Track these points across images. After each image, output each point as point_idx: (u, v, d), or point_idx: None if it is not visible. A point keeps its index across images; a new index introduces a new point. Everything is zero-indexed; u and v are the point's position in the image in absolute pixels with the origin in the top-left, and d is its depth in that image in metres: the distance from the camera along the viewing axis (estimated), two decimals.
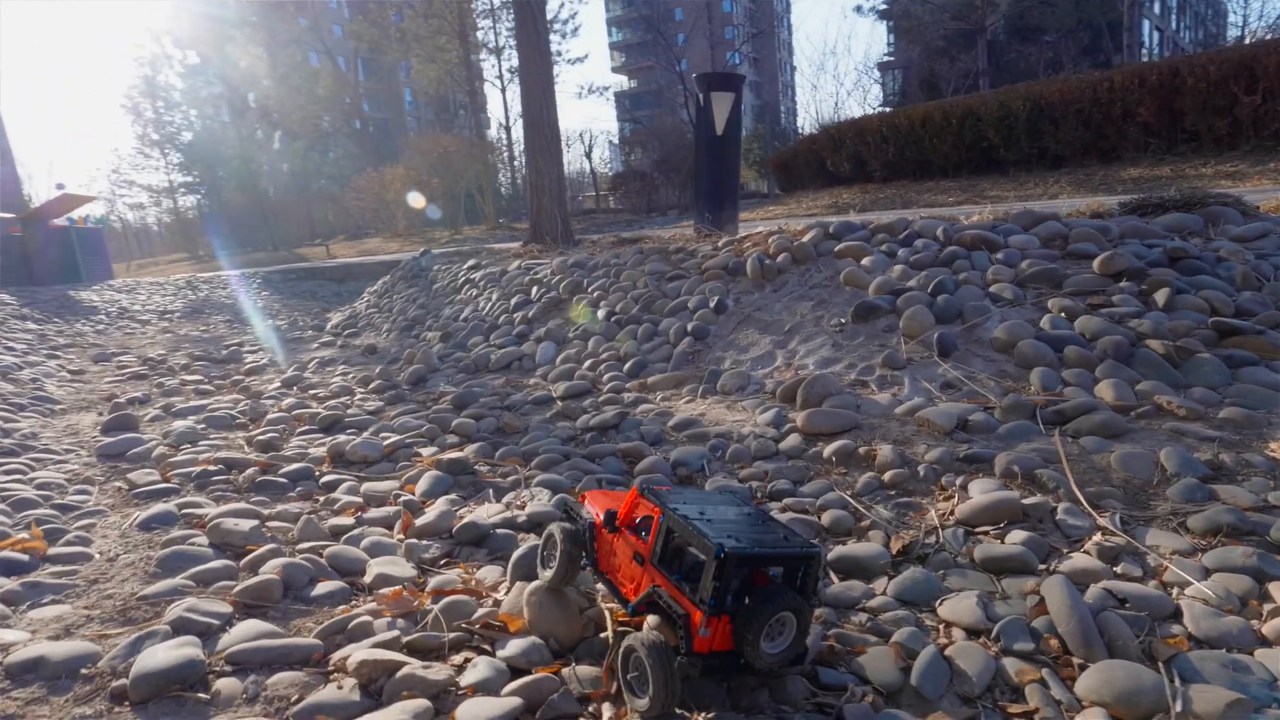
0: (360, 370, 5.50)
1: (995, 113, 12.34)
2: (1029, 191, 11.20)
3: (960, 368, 3.15)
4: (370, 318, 7.93)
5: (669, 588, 1.38)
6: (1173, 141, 10.17)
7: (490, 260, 7.93)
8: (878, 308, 3.70)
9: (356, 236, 30.51)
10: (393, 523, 2.49)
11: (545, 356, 4.76)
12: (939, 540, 2.02)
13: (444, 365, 5.12)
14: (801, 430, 2.87)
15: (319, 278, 14.34)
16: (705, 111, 7.62)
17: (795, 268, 4.48)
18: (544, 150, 10.27)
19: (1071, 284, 3.49)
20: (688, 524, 1.37)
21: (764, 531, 1.41)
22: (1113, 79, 10.71)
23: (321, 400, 4.50)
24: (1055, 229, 4.02)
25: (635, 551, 1.50)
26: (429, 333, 6.33)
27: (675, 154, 24.25)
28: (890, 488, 2.39)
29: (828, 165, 17.25)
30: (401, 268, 9.30)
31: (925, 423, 2.73)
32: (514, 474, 2.91)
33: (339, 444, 3.30)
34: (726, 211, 7.65)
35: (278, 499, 2.79)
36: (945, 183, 13.73)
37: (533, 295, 5.89)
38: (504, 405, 3.96)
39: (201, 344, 7.61)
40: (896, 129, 14.53)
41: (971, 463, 2.43)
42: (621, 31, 72.65)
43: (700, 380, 3.77)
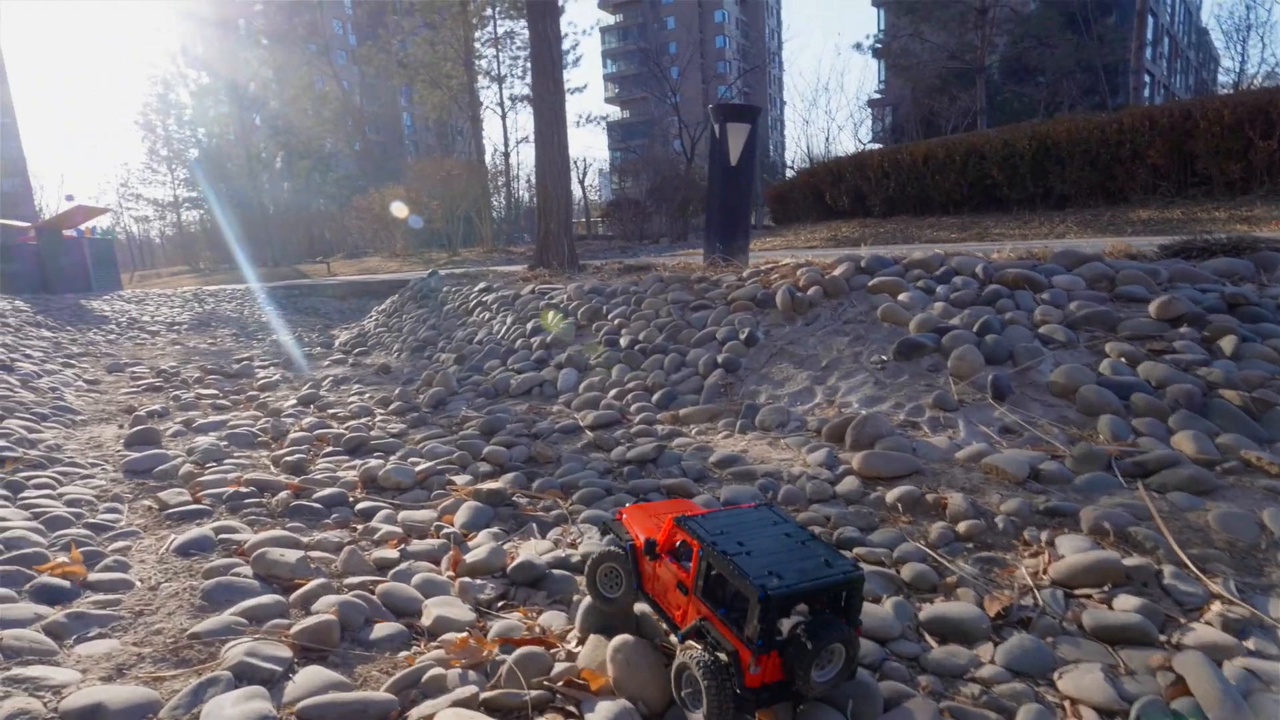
0: (376, 390, 5.33)
1: (1000, 151, 12.39)
2: (1034, 230, 11.19)
3: (1018, 411, 3.00)
4: (379, 337, 7.74)
5: (715, 623, 1.35)
6: (1183, 184, 10.19)
7: (501, 283, 7.78)
8: (921, 346, 3.55)
9: (356, 255, 30.38)
10: (439, 557, 2.34)
11: (567, 383, 4.59)
12: (1038, 602, 1.85)
13: (462, 388, 4.95)
14: (858, 473, 2.70)
15: (321, 294, 14.14)
16: (720, 142, 7.54)
17: (827, 301, 4.34)
18: (554, 176, 10.21)
19: (1127, 328, 3.36)
20: (728, 561, 1.34)
21: (805, 557, 1.38)
22: (1121, 120, 10.77)
23: (342, 420, 4.34)
24: (1101, 270, 3.91)
25: (679, 580, 1.46)
26: (442, 354, 6.16)
27: (668, 183, 24.43)
28: (966, 540, 2.22)
29: (826, 198, 17.28)
30: (410, 288, 9.14)
31: (993, 470, 2.56)
32: (555, 507, 2.74)
33: (370, 469, 3.15)
34: (738, 242, 7.53)
35: (314, 525, 2.66)
36: (947, 219, 13.73)
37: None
38: (531, 433, 3.79)
39: (211, 357, 7.44)
40: (898, 164, 14.57)
41: (1053, 516, 2.26)
42: (616, 63, 73.66)
43: (737, 414, 3.60)
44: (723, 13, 70.89)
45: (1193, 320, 3.30)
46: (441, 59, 30.45)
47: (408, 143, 57.89)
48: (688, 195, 24.32)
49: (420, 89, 31.33)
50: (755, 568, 1.31)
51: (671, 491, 2.80)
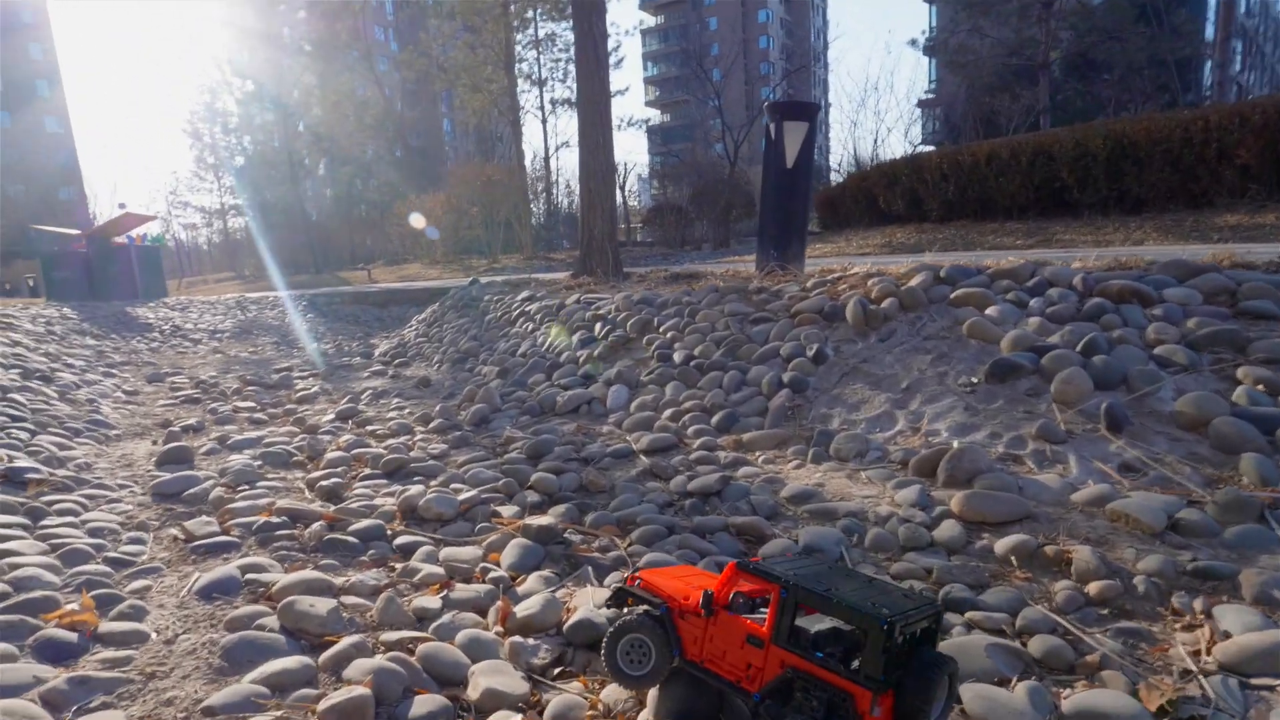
0: (415, 404, 5.20)
1: (1071, 151, 11.80)
2: (1108, 237, 10.63)
3: (1138, 445, 2.66)
4: (420, 347, 7.65)
5: (814, 669, 1.24)
6: (1275, 187, 9.55)
7: (544, 292, 7.62)
8: (1017, 367, 3.23)
9: (396, 262, 30.81)
10: (485, 606, 2.13)
11: (617, 402, 4.37)
12: (1207, 694, 1.54)
13: (506, 405, 4.77)
14: (959, 516, 2.40)
15: (362, 302, 14.24)
16: (776, 142, 7.22)
17: (903, 314, 4.03)
18: (598, 179, 10.06)
19: (1260, 350, 2.99)
20: (824, 597, 1.24)
21: (885, 591, 1.31)
22: (1208, 117, 10.14)
23: (380, 439, 4.20)
24: (1218, 282, 3.53)
25: (749, 634, 1.33)
26: (484, 367, 6.01)
27: (711, 188, 24.12)
28: (1099, 604, 1.91)
29: (879, 203, 16.80)
30: (451, 297, 9.06)
31: (1122, 517, 2.25)
32: (611, 547, 2.51)
33: (411, 498, 2.98)
34: (793, 249, 7.21)
35: (349, 563, 2.49)
36: (1011, 224, 13.17)
37: (597, 332, 5.53)
38: (580, 456, 3.57)
39: (251, 366, 7.44)
40: (958, 166, 14.04)
41: (1204, 579, 1.94)
42: (657, 66, 73.68)
43: (807, 441, 3.32)
44: (767, 12, 70.40)
45: None
46: (482, 63, 30.74)
47: (448, 149, 58.76)
48: (731, 200, 24.00)
49: (461, 93, 31.70)
50: (861, 599, 1.23)
51: (741, 531, 2.55)
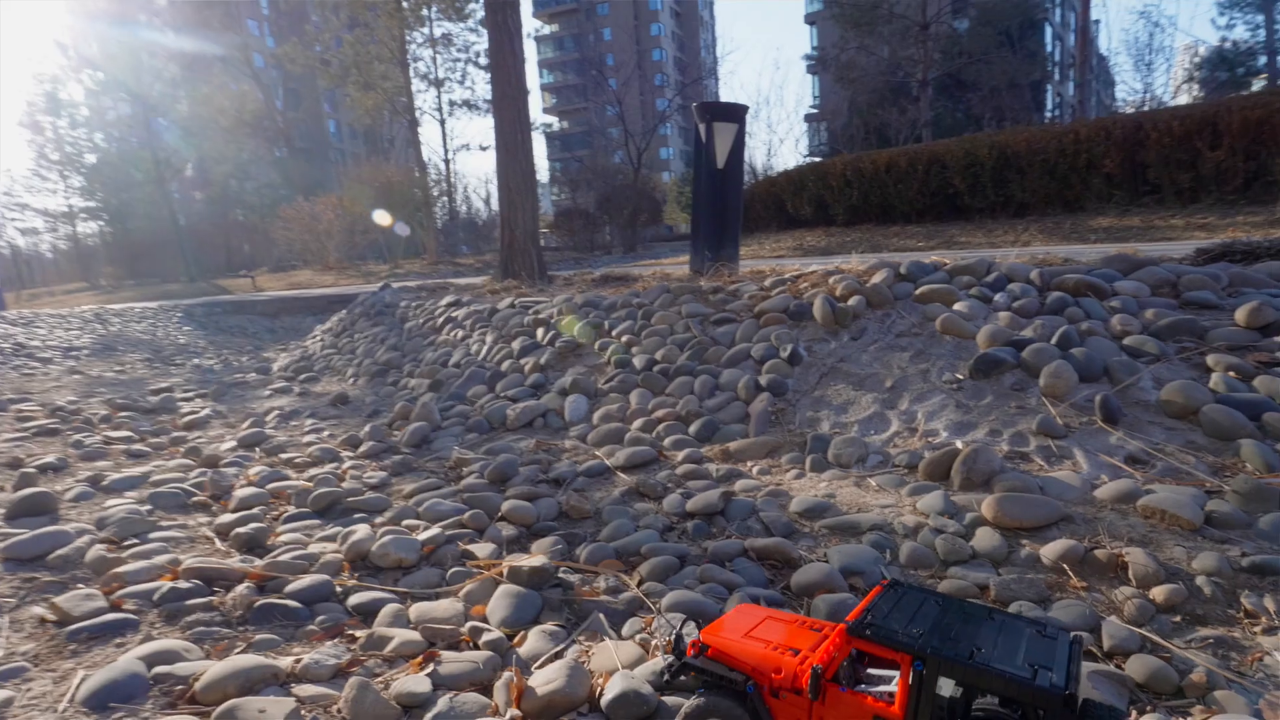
0: (334, 425, 4.65)
1: (961, 160, 12.47)
2: (1000, 238, 11.26)
3: (1137, 437, 2.66)
4: (328, 360, 6.98)
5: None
6: (1135, 193, 10.42)
7: (469, 297, 7.15)
8: (1000, 362, 3.20)
9: (283, 269, 28.74)
10: (486, 680, 1.74)
11: (577, 413, 4.05)
12: None
13: (447, 422, 4.33)
14: (993, 523, 2.28)
15: (248, 312, 13.06)
16: (706, 144, 7.12)
17: (871, 312, 3.96)
18: (518, 180, 9.62)
19: (1218, 337, 3.08)
20: (977, 670, 1.05)
21: (1020, 635, 1.14)
22: (1078, 131, 10.96)
23: (300, 469, 3.65)
24: (1161, 275, 3.66)
25: (876, 713, 1.14)
26: (410, 379, 5.50)
27: (618, 193, 24.07)
28: (1168, 611, 1.82)
29: (788, 207, 17.19)
30: (360, 304, 8.37)
31: (1155, 513, 2.19)
32: (620, 586, 2.20)
33: (359, 543, 2.50)
34: (727, 249, 7.13)
35: (293, 635, 1.99)
36: (910, 228, 13.76)
37: (540, 338, 5.18)
38: (549, 477, 3.22)
39: (120, 388, 6.49)
40: (861, 173, 14.55)
41: (1261, 574, 1.89)
42: (553, 74, 73.09)
43: (801, 448, 3.15)
44: (659, 25, 71.35)
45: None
46: (375, 59, 29.19)
47: (333, 151, 55.66)
48: (638, 205, 24.00)
49: (352, 91, 29.94)
50: (1015, 663, 1.06)
51: (763, 555, 2.31)
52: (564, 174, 37.55)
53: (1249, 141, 8.95)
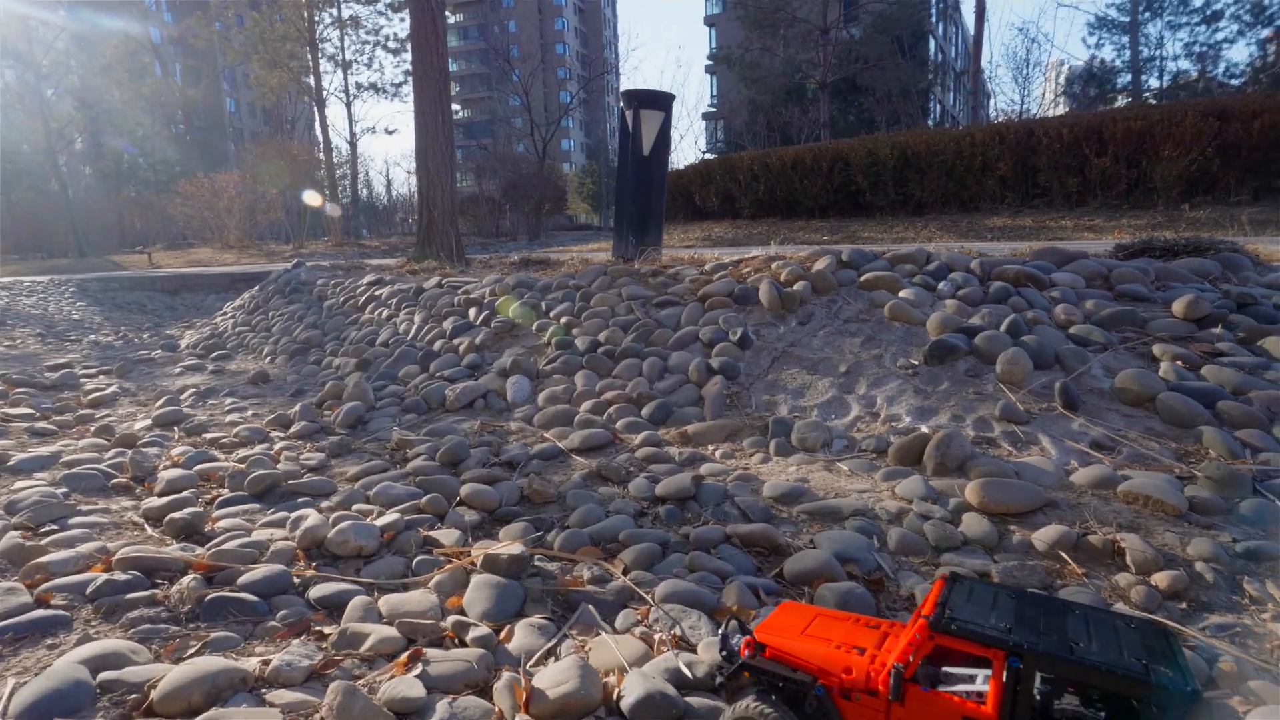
0: (257, 404, 4.11)
1: (864, 159, 12.69)
2: (901, 235, 11.52)
3: (1098, 423, 2.57)
4: (242, 338, 6.24)
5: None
6: (1026, 196, 10.91)
7: (392, 276, 6.57)
8: (954, 348, 3.07)
9: (180, 246, 26.29)
10: (481, 681, 1.48)
11: (520, 394, 3.68)
12: None
13: (381, 402, 3.87)
14: (979, 508, 2.11)
15: (146, 288, 11.72)
16: (633, 131, 6.81)
17: (817, 298, 3.78)
18: (437, 160, 9.04)
19: (1159, 329, 3.07)
20: (1082, 666, 0.92)
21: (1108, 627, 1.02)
22: (974, 134, 11.36)
23: (228, 449, 3.18)
24: (1092, 267, 3.66)
25: (966, 714, 0.99)
26: (335, 358, 4.94)
27: (524, 182, 23.45)
28: (1174, 597, 1.70)
29: (695, 199, 17.10)
30: (273, 281, 7.58)
31: (1139, 499, 2.08)
32: (606, 576, 1.91)
33: (313, 529, 2.15)
34: (651, 236, 6.89)
35: (253, 633, 1.68)
36: (815, 223, 13.93)
37: (473, 318, 4.75)
38: (500, 460, 2.88)
39: (12, 363, 5.60)
40: (768, 168, 14.59)
41: (1257, 560, 1.80)
42: (457, 62, 70.68)
43: (762, 431, 2.92)
44: (563, 20, 70.09)
45: (1218, 320, 3.07)
46: (282, 38, 27.02)
47: (233, 129, 51.49)
48: (544, 194, 23.41)
49: (257, 68, 27.62)
50: (1133, 661, 0.93)
51: (748, 541, 2.07)
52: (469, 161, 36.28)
53: (1131, 150, 9.47)
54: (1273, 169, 8.92)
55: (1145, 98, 25.85)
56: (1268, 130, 8.65)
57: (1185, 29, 27.87)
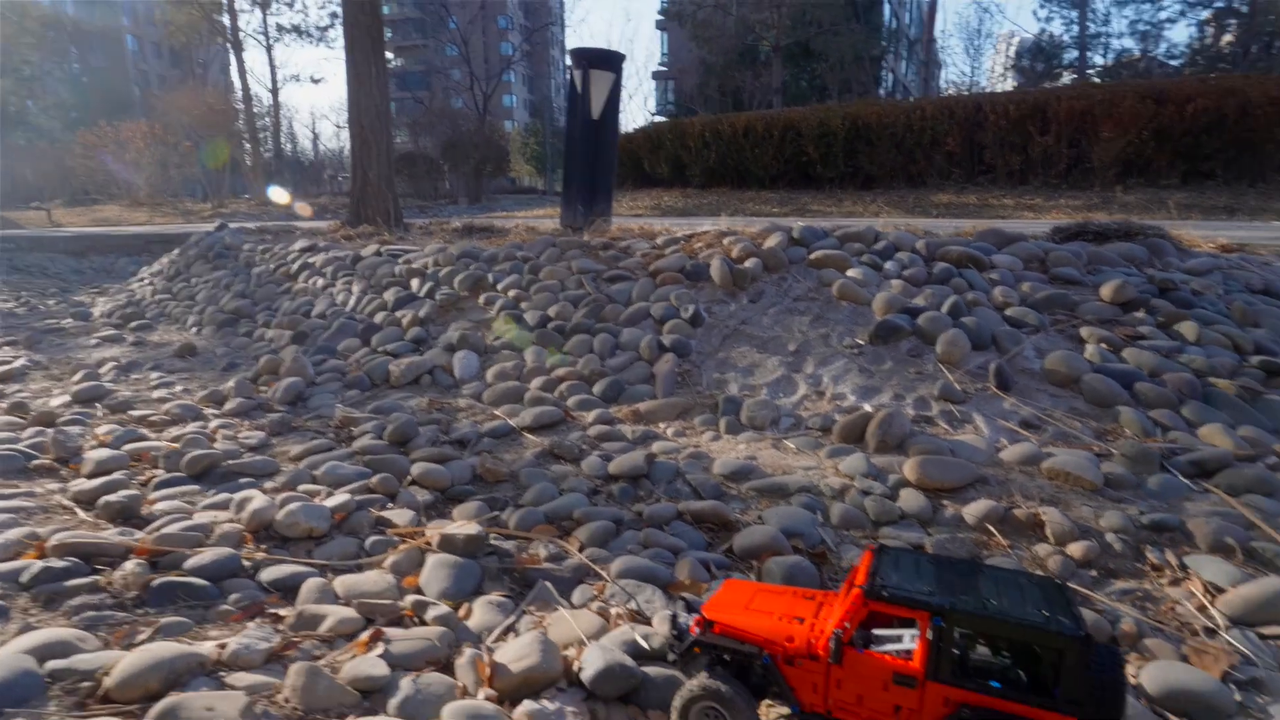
0: (186, 379, 4.03)
1: (815, 129, 12.92)
2: (850, 209, 11.83)
3: (1028, 403, 2.80)
4: (163, 306, 6.02)
5: (997, 703, 1.08)
6: (972, 172, 11.35)
7: (327, 243, 6.42)
8: (898, 328, 3.26)
9: (82, 202, 24.68)
10: (443, 658, 1.57)
11: (468, 370, 3.72)
12: (1248, 657, 1.56)
13: (322, 377, 3.85)
14: (916, 485, 2.30)
15: (48, 249, 11.07)
16: (581, 93, 6.73)
17: (768, 275, 3.92)
18: (371, 117, 8.73)
19: (1088, 312, 3.33)
20: (996, 619, 1.08)
21: (1021, 586, 1.17)
22: (924, 108, 11.71)
23: (158, 428, 3.14)
24: (1030, 250, 3.91)
25: (895, 673, 1.13)
26: (267, 330, 4.84)
27: (463, 140, 22.69)
28: (1087, 566, 1.92)
29: (645, 166, 17.07)
30: (194, 245, 7.28)
31: (1061, 475, 2.30)
32: (562, 554, 2.03)
33: (260, 511, 2.18)
34: (600, 205, 6.87)
35: (205, 619, 1.72)
36: (766, 194, 14.13)
37: (416, 289, 4.72)
38: (450, 438, 2.95)
39: None
40: (719, 135, 14.67)
41: (1160, 531, 2.03)
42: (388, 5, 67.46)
43: (712, 409, 3.06)
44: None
45: (1142, 304, 3.35)
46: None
47: (136, 71, 48.10)
48: (485, 155, 22.81)
49: (164, 4, 25.90)
50: (1035, 614, 1.08)
51: (700, 519, 2.21)
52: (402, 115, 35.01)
53: (1073, 130, 9.94)
54: (1201, 153, 9.52)
55: (1090, 75, 26.88)
56: (1200, 115, 9.20)
57: (1131, 6, 28.99)
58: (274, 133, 33.43)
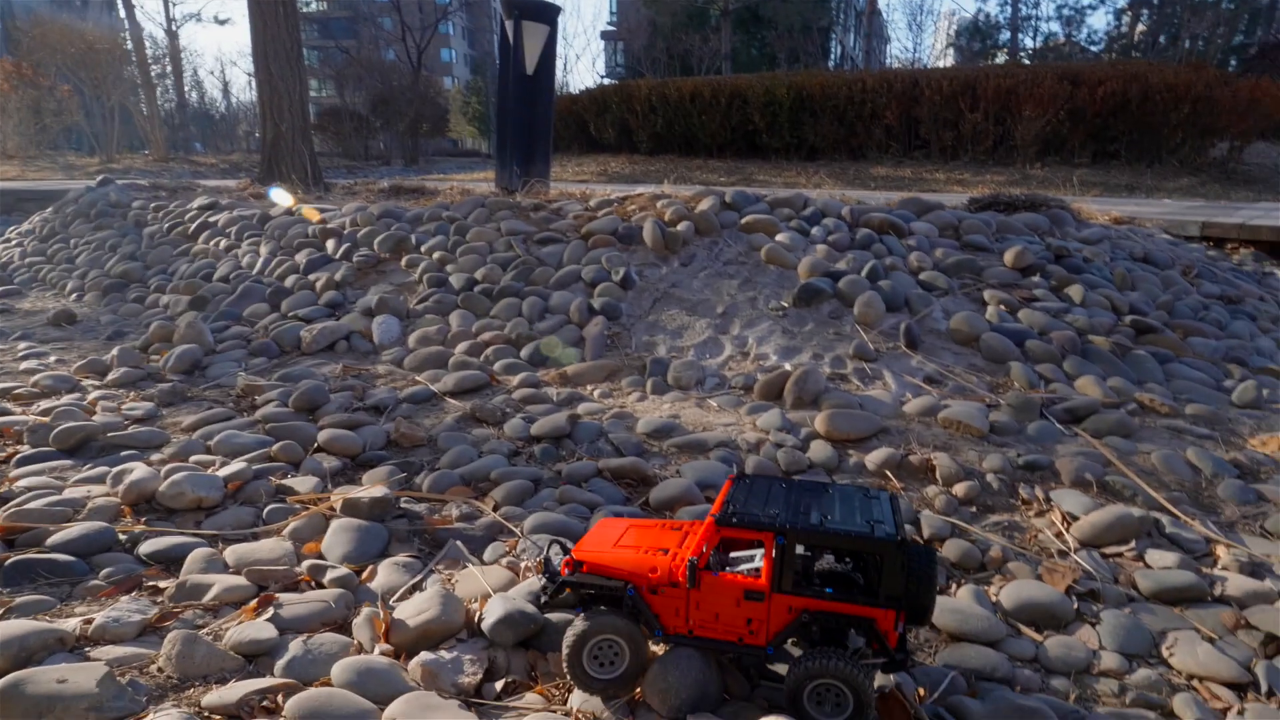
0: (64, 350, 3.96)
1: (761, 97, 13.18)
2: (794, 179, 12.16)
3: (933, 360, 3.11)
4: (35, 270, 5.81)
5: (831, 606, 1.27)
6: (909, 146, 11.84)
7: (230, 200, 6.29)
8: (820, 291, 3.53)
9: None
10: (340, 619, 1.65)
11: (389, 335, 3.81)
12: (1091, 572, 1.87)
13: (223, 345, 3.85)
14: (825, 436, 2.56)
15: None
16: (514, 46, 6.72)
17: (700, 239, 4.14)
18: (281, 63, 8.36)
19: (992, 276, 3.67)
20: (827, 533, 1.27)
21: (849, 499, 1.39)
22: (865, 80, 12.10)
23: (25, 401, 3.10)
24: (946, 218, 4.24)
25: (746, 590, 1.30)
26: (162, 296, 4.76)
27: (395, 95, 22.04)
28: (969, 503, 2.21)
29: (590, 129, 17.04)
30: (72, 202, 6.99)
31: (953, 424, 2.61)
32: (475, 514, 2.18)
33: (140, 482, 2.19)
34: (538, 166, 6.92)
35: (71, 596, 1.75)
36: (713, 162, 14.34)
37: (331, 251, 4.74)
38: (366, 404, 3.03)
39: None
40: (666, 100, 14.75)
41: (1033, 470, 2.35)
42: None
43: (640, 371, 3.26)
44: None
45: (1039, 269, 3.72)
46: None
47: None
48: (420, 112, 22.23)
49: None
50: (861, 525, 1.27)
51: (620, 475, 2.41)
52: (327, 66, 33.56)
53: (999, 107, 10.49)
54: (1109, 134, 10.24)
55: (1020, 56, 28.09)
56: (1109, 97, 9.89)
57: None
58: (176, 80, 31.64)
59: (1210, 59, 17.71)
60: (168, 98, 29.02)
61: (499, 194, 5.75)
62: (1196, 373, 3.07)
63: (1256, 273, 4.63)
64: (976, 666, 1.52)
